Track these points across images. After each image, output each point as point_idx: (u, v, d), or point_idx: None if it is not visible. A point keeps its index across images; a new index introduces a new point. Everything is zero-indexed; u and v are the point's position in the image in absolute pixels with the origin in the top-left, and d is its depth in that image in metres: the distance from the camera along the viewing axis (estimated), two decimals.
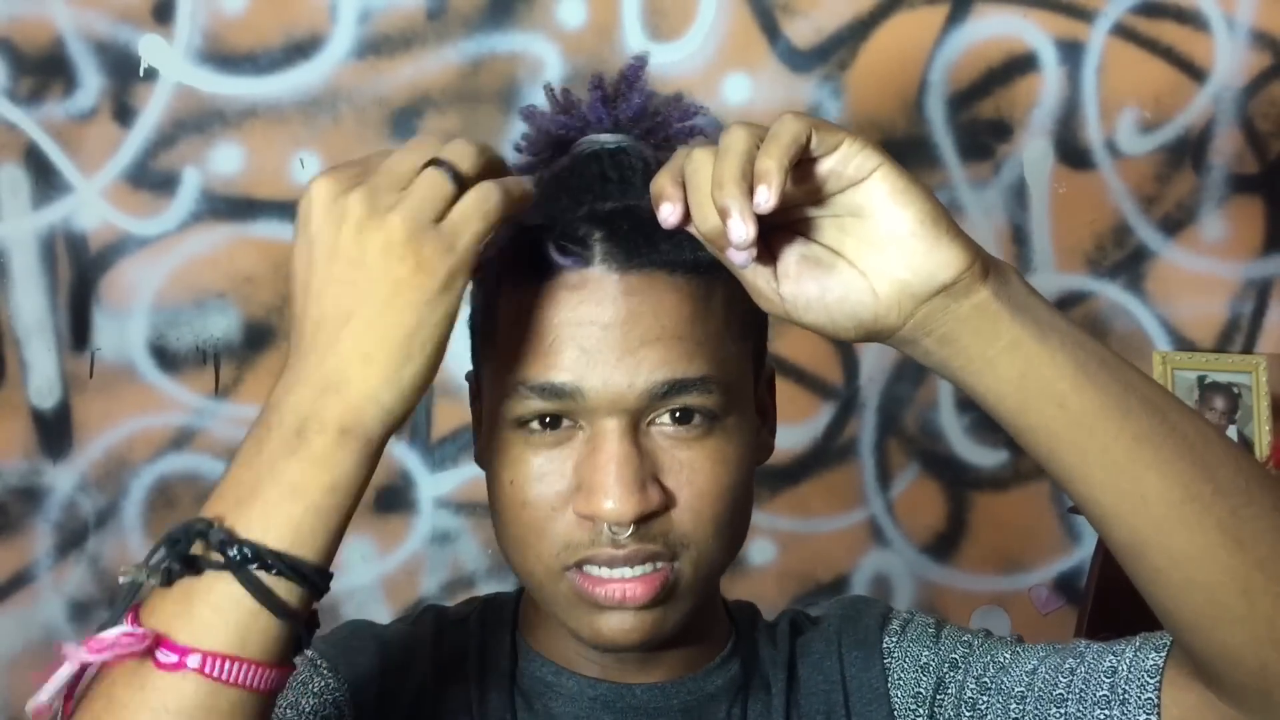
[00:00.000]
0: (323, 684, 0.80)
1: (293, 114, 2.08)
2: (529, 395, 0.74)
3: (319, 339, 0.63)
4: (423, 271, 0.63)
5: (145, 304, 2.09)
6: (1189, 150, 2.15)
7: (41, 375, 2.08)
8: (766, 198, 0.61)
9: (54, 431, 2.09)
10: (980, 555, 2.19)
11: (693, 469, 0.74)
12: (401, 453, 2.11)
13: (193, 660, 0.59)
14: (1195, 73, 2.14)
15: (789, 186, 0.62)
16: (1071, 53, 2.13)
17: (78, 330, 2.09)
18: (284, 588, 0.61)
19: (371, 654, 0.84)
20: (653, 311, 0.73)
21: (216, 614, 0.60)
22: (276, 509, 0.61)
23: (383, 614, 2.11)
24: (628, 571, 0.74)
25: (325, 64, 2.08)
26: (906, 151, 2.09)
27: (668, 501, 0.74)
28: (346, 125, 2.08)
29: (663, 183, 0.66)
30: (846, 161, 0.64)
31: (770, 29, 2.11)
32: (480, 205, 0.66)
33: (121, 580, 0.62)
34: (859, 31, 2.11)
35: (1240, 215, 2.17)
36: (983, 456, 2.17)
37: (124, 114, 2.07)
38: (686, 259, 0.74)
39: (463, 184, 0.66)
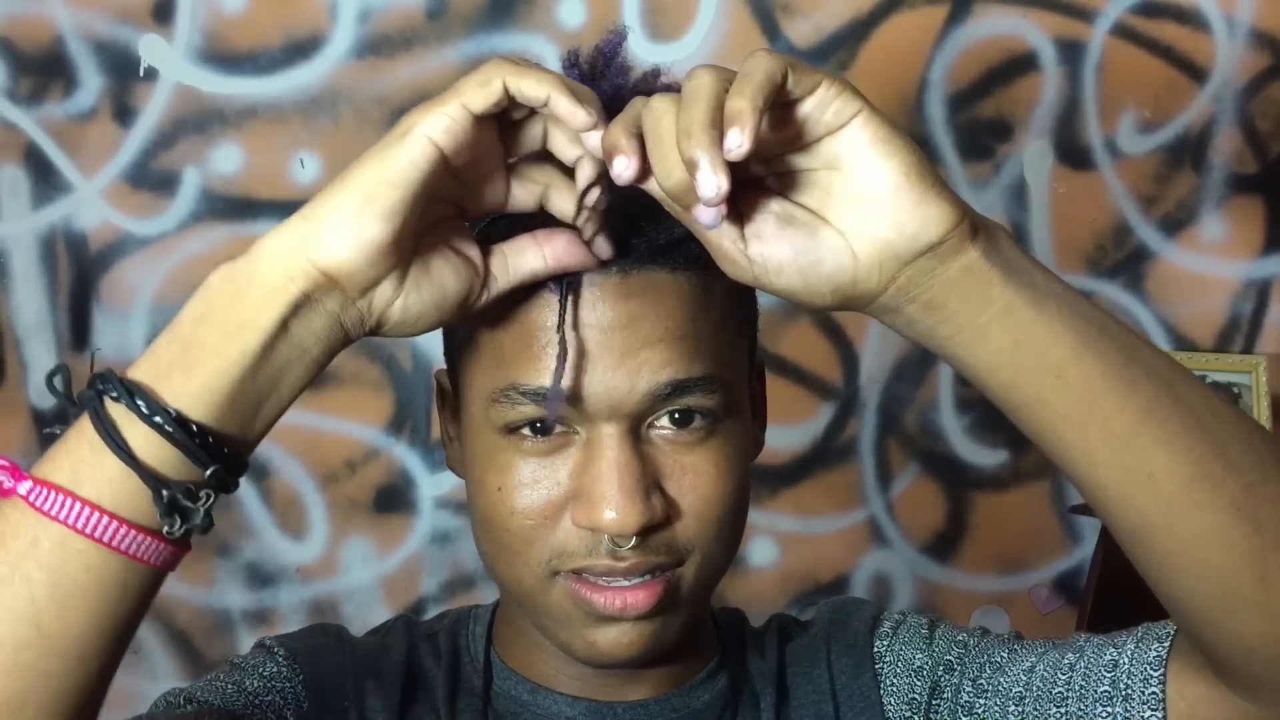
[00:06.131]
0: (275, 669, 0.77)
1: (293, 114, 2.08)
2: (521, 400, 0.68)
3: None
4: (396, 130, 0.60)
5: (145, 304, 2.08)
6: (1189, 150, 2.15)
7: (42, 375, 2.08)
8: (739, 142, 0.53)
9: (54, 432, 2.09)
10: (980, 555, 2.18)
11: (696, 473, 0.70)
12: (402, 453, 2.11)
13: (34, 494, 0.56)
14: (1195, 73, 2.14)
15: (764, 131, 0.55)
16: (1071, 53, 2.13)
17: (78, 330, 2.09)
18: (152, 443, 0.57)
19: (336, 653, 0.80)
20: (654, 313, 0.68)
21: (76, 457, 0.58)
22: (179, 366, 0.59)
23: (383, 614, 2.11)
24: (626, 581, 0.70)
25: (325, 64, 2.08)
26: None
27: (670, 511, 0.70)
28: (346, 125, 2.08)
29: (616, 135, 0.58)
30: (824, 106, 0.56)
31: (770, 29, 2.11)
32: (480, 75, 0.60)
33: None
34: (859, 31, 2.11)
35: (1240, 215, 2.16)
36: (983, 456, 2.16)
37: (124, 114, 2.07)
38: (687, 253, 0.68)
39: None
